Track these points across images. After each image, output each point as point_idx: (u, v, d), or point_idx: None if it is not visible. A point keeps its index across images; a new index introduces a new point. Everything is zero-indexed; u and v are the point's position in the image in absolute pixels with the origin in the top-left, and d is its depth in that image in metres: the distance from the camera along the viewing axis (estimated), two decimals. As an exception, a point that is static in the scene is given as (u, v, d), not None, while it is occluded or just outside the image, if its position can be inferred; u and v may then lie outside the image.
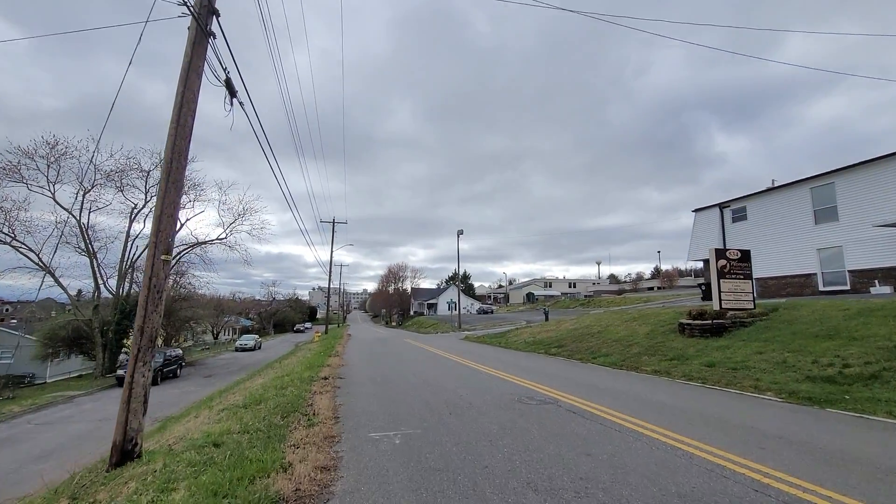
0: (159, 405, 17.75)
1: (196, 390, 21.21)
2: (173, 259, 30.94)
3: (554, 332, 21.74)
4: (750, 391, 8.39)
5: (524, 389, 8.41)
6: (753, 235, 25.51)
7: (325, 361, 13.24)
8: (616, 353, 14.34)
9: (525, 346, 20.10)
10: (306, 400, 7.05)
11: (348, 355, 17.57)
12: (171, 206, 5.15)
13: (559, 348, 17.63)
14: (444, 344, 23.89)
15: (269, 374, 12.29)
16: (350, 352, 19.47)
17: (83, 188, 24.50)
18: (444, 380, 9.89)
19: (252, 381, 11.98)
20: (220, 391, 13.67)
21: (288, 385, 8.53)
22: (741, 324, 12.67)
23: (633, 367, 12.27)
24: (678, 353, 12.30)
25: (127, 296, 28.32)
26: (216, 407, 7.81)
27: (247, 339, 44.61)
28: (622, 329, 17.52)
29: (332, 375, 10.12)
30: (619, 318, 20.14)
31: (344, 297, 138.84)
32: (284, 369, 12.26)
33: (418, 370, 12.18)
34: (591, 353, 15.15)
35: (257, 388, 8.98)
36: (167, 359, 24.04)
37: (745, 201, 26.31)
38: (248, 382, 12.24)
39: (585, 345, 16.86)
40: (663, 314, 17.89)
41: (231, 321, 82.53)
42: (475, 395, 7.72)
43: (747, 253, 14.23)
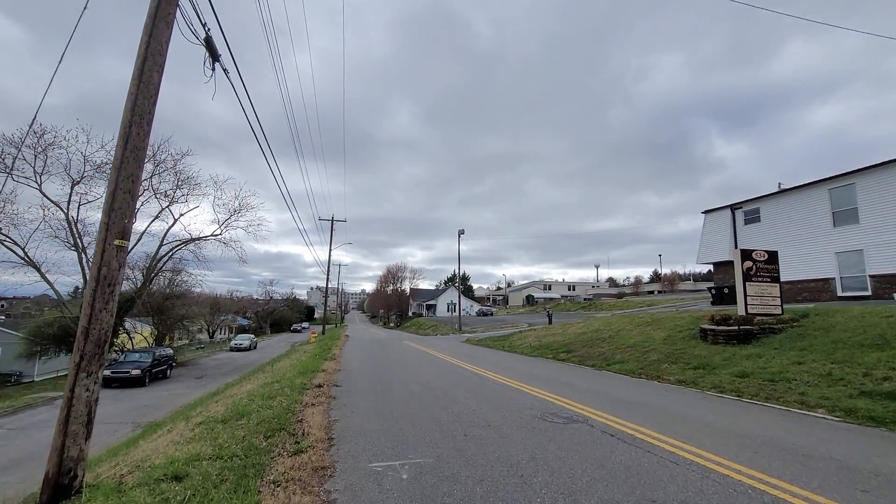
0: (144, 409, 16.76)
1: (185, 393, 20.22)
2: (165, 255, 30.01)
3: (561, 336, 20.80)
4: (796, 407, 7.44)
5: (543, 402, 7.45)
6: (767, 238, 24.60)
7: (320, 366, 12.26)
8: (632, 359, 13.40)
9: (531, 350, 19.14)
10: (296, 414, 6.09)
11: (345, 359, 16.59)
12: (130, 181, 4.18)
13: (568, 353, 16.68)
14: (446, 347, 22.92)
15: (258, 379, 11.32)
16: (347, 355, 18.49)
17: (71, 179, 23.49)
18: (452, 389, 8.93)
19: (240, 387, 11.00)
20: (203, 398, 12.75)
21: (277, 394, 7.56)
22: (770, 330, 11.74)
23: (653, 375, 11.33)
24: (702, 361, 11.36)
25: (117, 293, 27.24)
26: (194, 419, 6.85)
27: (242, 338, 43.55)
28: (636, 334, 16.59)
29: (328, 382, 9.15)
30: (629, 323, 19.21)
31: (342, 298, 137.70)
32: (276, 374, 11.29)
33: (422, 377, 11.22)
34: (605, 360, 14.21)
35: (243, 396, 8.01)
36: (156, 359, 23.02)
37: (758, 202, 25.41)
38: (236, 388, 11.26)
39: (597, 350, 15.91)
40: (678, 319, 16.96)
41: (228, 320, 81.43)
42: (491, 409, 6.76)
43: (775, 254, 13.30)
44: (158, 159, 27.20)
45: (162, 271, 33.18)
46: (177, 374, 26.57)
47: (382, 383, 9.76)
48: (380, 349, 22.09)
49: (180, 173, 27.99)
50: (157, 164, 27.10)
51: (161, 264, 28.65)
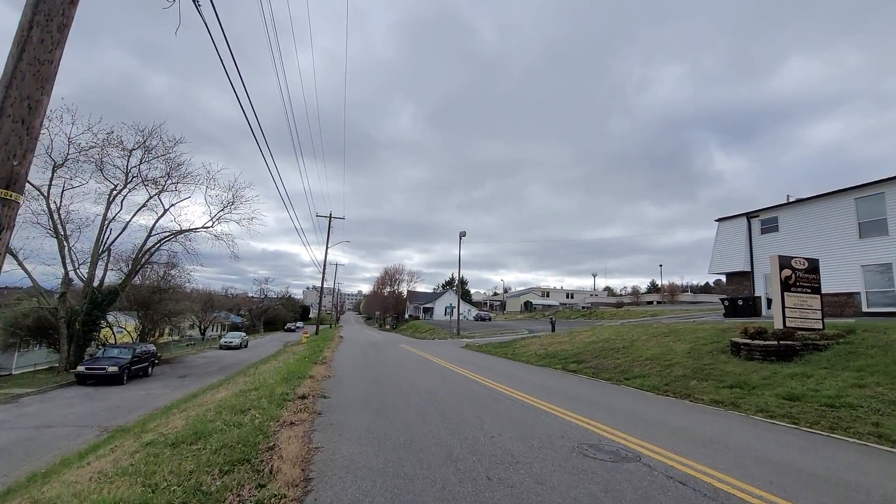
0: (116, 410, 15.36)
1: (164, 393, 18.82)
2: (153, 247, 28.63)
3: (568, 345, 19.51)
4: (873, 440, 6.18)
5: (574, 428, 6.16)
6: (785, 249, 23.38)
7: (308, 371, 10.93)
8: (654, 374, 12.12)
9: (538, 359, 17.83)
10: (268, 437, 4.79)
11: (337, 363, 15.25)
12: (25, 106, 2.86)
13: (579, 364, 15.39)
14: (446, 352, 21.59)
15: (236, 385, 9.98)
16: (340, 358, 17.14)
17: (53, 162, 22.13)
18: (460, 405, 7.62)
19: (213, 394, 9.65)
20: (178, 401, 11.40)
21: (251, 406, 6.26)
22: (814, 347, 10.48)
23: (682, 393, 10.05)
24: (738, 379, 10.08)
25: (100, 284, 25.87)
26: (144, 437, 5.53)
27: (232, 336, 42.03)
28: (653, 345, 15.32)
29: (314, 393, 7.84)
30: (643, 333, 17.94)
31: (338, 298, 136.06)
32: (256, 379, 9.93)
33: (423, 387, 9.91)
34: (622, 373, 12.92)
35: (210, 408, 6.69)
36: (137, 355, 21.57)
37: (776, 211, 24.25)
38: (209, 395, 9.89)
39: (611, 362, 14.63)
40: (699, 330, 15.69)
41: (221, 317, 79.73)
42: (514, 437, 5.46)
43: (816, 263, 12.07)
44: (149, 146, 25.93)
45: (154, 265, 31.89)
46: (160, 371, 25.13)
47: (378, 395, 8.44)
48: (375, 353, 20.74)
49: (172, 161, 26.72)
50: (147, 151, 25.81)
51: (148, 256, 27.27)
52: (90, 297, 24.32)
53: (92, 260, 24.68)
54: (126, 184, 26.08)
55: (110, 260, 26.55)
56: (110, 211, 25.75)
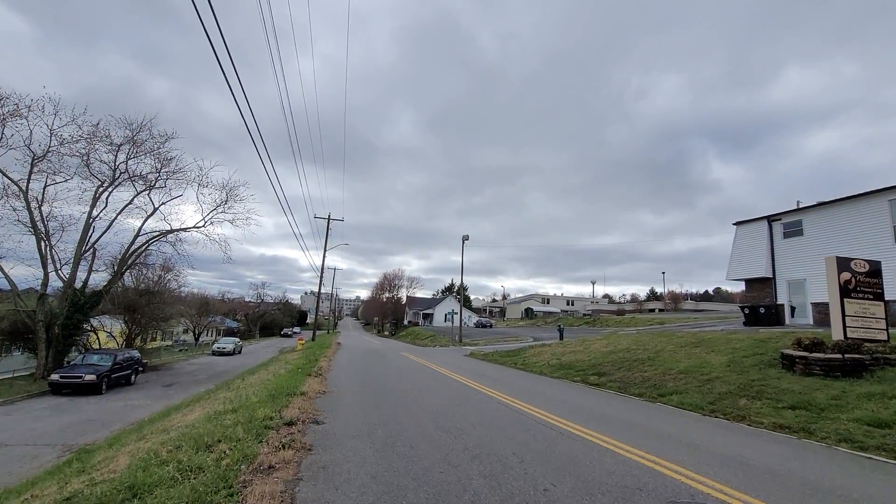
0: (87, 425, 13.81)
1: (145, 404, 17.29)
2: (141, 247, 27.15)
3: (583, 355, 18.07)
4: None
5: (645, 471, 4.72)
6: (810, 254, 22.10)
7: (300, 385, 9.44)
8: (692, 389, 10.69)
9: (552, 370, 16.39)
10: (233, 495, 3.36)
11: (334, 374, 13.77)
12: None
13: (600, 377, 13.97)
14: (451, 362, 20.12)
15: (214, 401, 8.49)
16: (337, 369, 15.65)
17: (32, 154, 20.69)
18: (489, 436, 6.12)
19: (183, 416, 8.14)
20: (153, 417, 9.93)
21: (222, 437, 4.83)
22: (885, 361, 9.08)
23: (734, 415, 8.64)
24: (800, 398, 8.66)
25: (84, 286, 24.36)
26: (70, 485, 4.09)
27: (225, 342, 40.39)
28: (682, 357, 13.90)
29: (305, 417, 6.39)
30: (666, 342, 16.52)
31: (336, 303, 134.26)
32: (239, 395, 8.41)
33: (436, 407, 8.45)
34: (655, 388, 11.49)
35: (171, 438, 5.22)
36: (118, 362, 20.02)
37: (800, 214, 22.95)
38: (177, 416, 8.36)
39: (637, 375, 13.20)
40: (735, 340, 14.27)
41: (216, 322, 78.01)
42: (575, 490, 3.95)
43: (878, 265, 10.69)
44: (138, 140, 24.55)
45: (144, 266, 30.42)
46: (145, 379, 23.57)
47: (383, 419, 6.92)
48: (376, 362, 19.25)
49: (162, 156, 25.33)
50: (136, 146, 24.42)
51: (135, 257, 25.79)
52: (71, 300, 22.80)
53: (74, 259, 23.18)
54: (114, 180, 24.66)
55: (95, 260, 25.02)
56: (96, 209, 24.30)
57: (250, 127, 8.62)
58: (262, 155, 29.46)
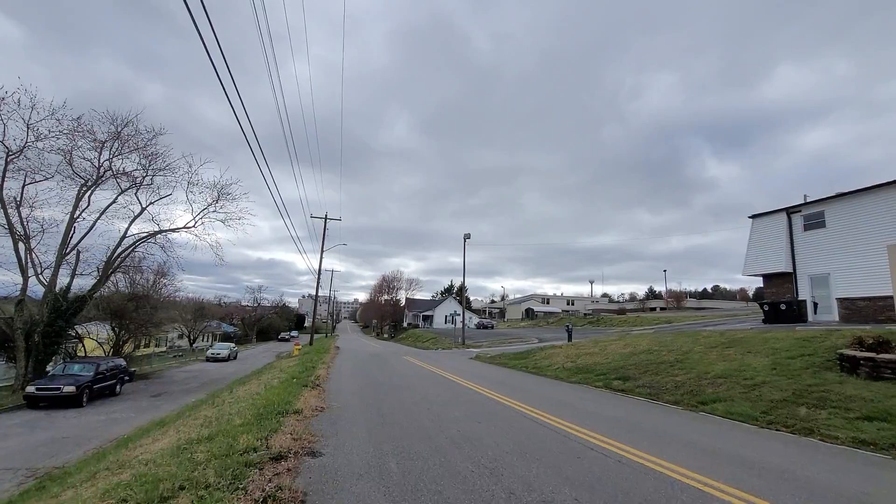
0: (61, 443, 12.47)
1: (128, 418, 15.96)
2: (127, 249, 25.81)
3: (600, 357, 16.86)
4: None
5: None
6: (834, 247, 20.98)
7: (294, 399, 8.12)
8: (737, 397, 9.49)
9: (568, 374, 15.17)
10: None
11: (334, 384, 12.49)
12: None
13: (625, 382, 12.75)
14: (459, 367, 18.86)
15: (191, 423, 7.19)
16: (337, 377, 14.36)
17: (6, 149, 19.34)
18: (530, 468, 4.84)
19: (152, 443, 6.82)
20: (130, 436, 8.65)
21: (188, 482, 3.59)
22: (969, 363, 7.91)
23: (799, 427, 7.43)
24: (875, 407, 7.47)
25: (66, 290, 22.99)
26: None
27: (220, 347, 38.98)
28: (715, 359, 12.70)
29: (298, 447, 5.05)
30: (692, 343, 15.33)
31: (334, 306, 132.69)
32: (220, 415, 7.05)
33: (457, 426, 7.18)
34: (692, 395, 10.27)
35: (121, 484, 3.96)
36: (101, 371, 18.66)
37: (822, 205, 21.82)
38: (139, 446, 6.99)
39: (668, 379, 11.99)
40: (772, 340, 13.07)
41: (212, 327, 76.39)
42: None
43: (946, 254, 9.51)
44: (124, 137, 23.25)
45: (134, 269, 29.07)
46: (132, 389, 22.21)
47: (396, 448, 5.46)
48: (378, 368, 17.97)
49: (150, 153, 24.01)
50: (121, 142, 23.10)
51: (121, 260, 24.42)
52: (52, 305, 21.44)
53: (56, 262, 21.81)
54: (98, 179, 23.34)
55: (79, 263, 23.65)
56: (79, 209, 22.95)
57: (246, 131, 7.97)
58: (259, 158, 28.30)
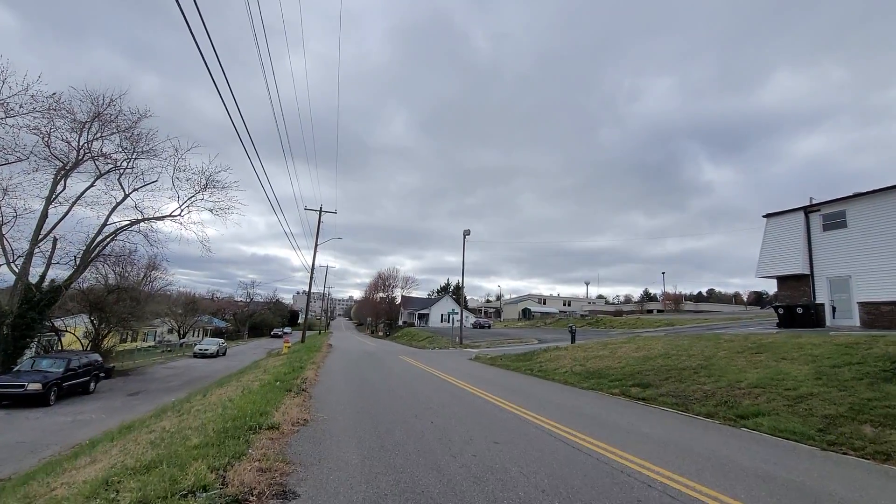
0: (16, 447, 11.02)
1: (98, 419, 14.60)
2: (107, 237, 24.39)
3: (611, 361, 15.67)
4: None
5: None
6: (856, 248, 19.92)
7: (273, 408, 6.75)
8: (781, 410, 8.30)
9: (579, 379, 13.96)
10: None
11: (322, 388, 11.18)
12: None
13: (644, 389, 11.54)
14: (458, 368, 17.62)
15: (143, 438, 5.91)
16: (327, 380, 13.05)
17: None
18: None
19: (86, 466, 5.50)
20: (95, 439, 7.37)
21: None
22: None
23: (869, 451, 6.26)
24: (961, 429, 6.29)
25: (41, 280, 21.55)
26: None
27: (208, 343, 37.52)
28: (744, 365, 11.51)
29: (266, 482, 3.71)
30: (713, 347, 14.17)
31: (329, 303, 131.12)
32: (175, 434, 5.72)
33: (468, 449, 5.94)
34: (726, 407, 9.05)
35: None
36: (72, 368, 17.24)
37: (843, 204, 20.73)
38: (67, 471, 5.67)
39: (695, 388, 10.79)
40: (807, 346, 11.90)
41: (203, 321, 74.82)
42: None
43: None
44: (106, 117, 21.82)
45: (133, 264, 27.75)
46: (108, 387, 20.80)
47: (397, 484, 4.11)
48: (373, 369, 16.67)
49: (136, 137, 22.59)
50: (101, 122, 21.67)
51: (101, 248, 22.99)
52: (24, 296, 19.99)
53: (28, 249, 20.36)
54: (77, 161, 21.92)
55: (56, 251, 22.20)
56: (55, 193, 21.50)
57: (238, 126, 7.91)
58: (251, 152, 26.85)
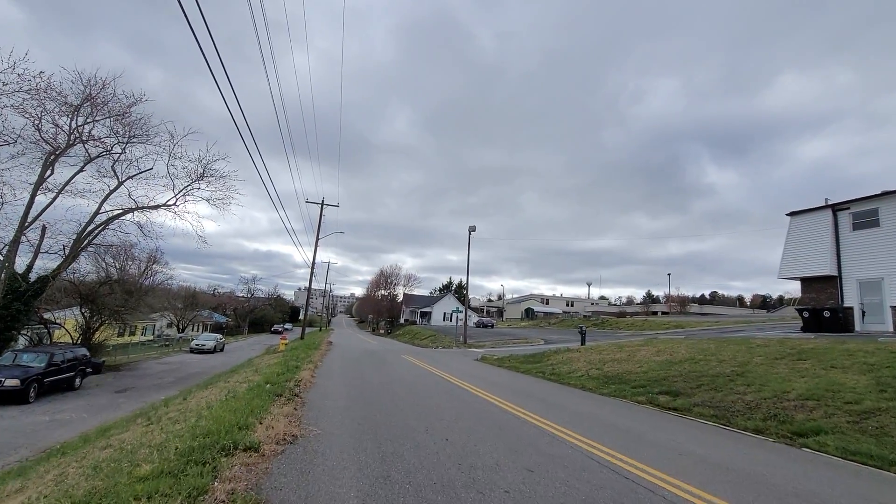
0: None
1: (79, 419, 13.57)
2: (99, 226, 23.40)
3: (631, 365, 14.57)
4: None
5: None
6: (889, 248, 18.71)
7: (257, 419, 5.68)
8: (844, 426, 7.21)
9: (598, 385, 12.84)
10: None
11: (318, 392, 10.08)
12: None
13: (673, 397, 10.42)
14: (465, 369, 16.53)
15: (80, 462, 4.85)
16: (324, 382, 11.93)
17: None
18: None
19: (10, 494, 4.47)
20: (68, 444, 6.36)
21: None
22: None
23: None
24: None
25: (28, 269, 20.57)
26: None
27: (205, 338, 36.51)
28: (787, 373, 10.38)
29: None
30: (745, 351, 13.04)
31: (330, 300, 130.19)
32: (128, 454, 4.64)
33: (496, 478, 4.87)
34: (777, 422, 7.91)
35: None
36: (54, 363, 16.18)
37: (875, 202, 19.51)
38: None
39: (732, 397, 9.66)
40: (858, 353, 10.74)
41: (203, 316, 74.03)
42: None
43: None
44: (99, 101, 20.79)
45: (134, 259, 26.77)
46: (96, 382, 19.80)
47: None
48: (374, 370, 15.58)
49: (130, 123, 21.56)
50: (95, 107, 20.64)
51: (91, 238, 21.97)
52: (8, 286, 18.99)
53: (14, 237, 19.35)
54: (68, 146, 20.90)
55: (44, 240, 21.19)
56: (44, 179, 20.48)
57: (238, 122, 7.21)
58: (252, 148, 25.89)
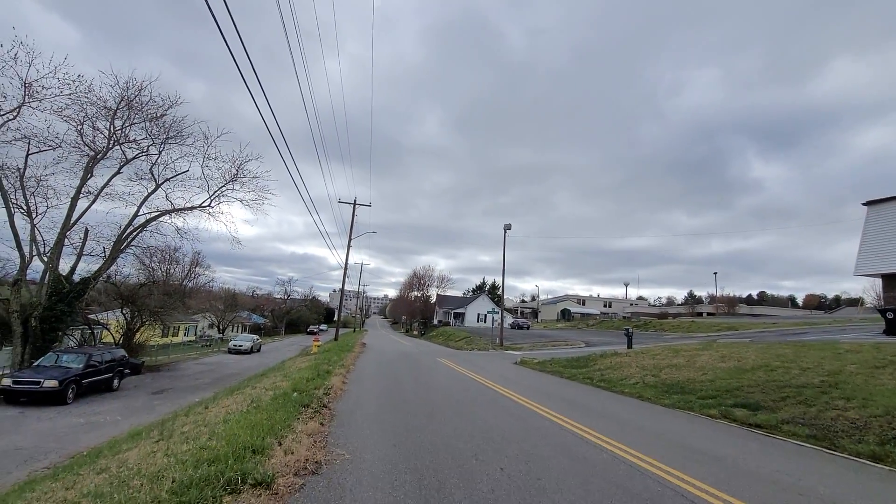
0: (10, 455, 9.70)
1: (113, 421, 13.35)
2: (137, 228, 23.74)
3: (692, 372, 13.05)
4: None
5: None
6: None
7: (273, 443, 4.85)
8: None
9: (657, 395, 11.42)
10: None
11: (349, 403, 9.21)
12: None
13: (753, 412, 8.98)
14: (505, 374, 15.39)
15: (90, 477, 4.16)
16: (356, 390, 11.09)
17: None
18: None
19: None
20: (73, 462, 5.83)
21: None
22: None
23: None
24: None
25: (72, 271, 20.97)
26: None
27: (242, 339, 36.90)
28: (891, 382, 8.73)
29: None
30: (832, 358, 11.32)
31: (364, 301, 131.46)
32: (126, 480, 3.94)
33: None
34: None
35: None
36: (92, 364, 16.20)
37: (976, 187, 16.91)
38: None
39: (830, 413, 8.17)
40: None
41: (242, 317, 76.13)
42: None
43: None
44: (136, 105, 20.99)
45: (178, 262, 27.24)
46: (134, 383, 19.90)
47: None
48: (410, 376, 14.69)
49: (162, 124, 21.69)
50: (131, 110, 20.84)
51: (130, 239, 22.25)
52: (53, 287, 19.35)
53: (57, 239, 19.73)
54: (108, 149, 21.22)
55: (86, 242, 21.59)
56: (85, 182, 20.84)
57: (272, 129, 6.95)
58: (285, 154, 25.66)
